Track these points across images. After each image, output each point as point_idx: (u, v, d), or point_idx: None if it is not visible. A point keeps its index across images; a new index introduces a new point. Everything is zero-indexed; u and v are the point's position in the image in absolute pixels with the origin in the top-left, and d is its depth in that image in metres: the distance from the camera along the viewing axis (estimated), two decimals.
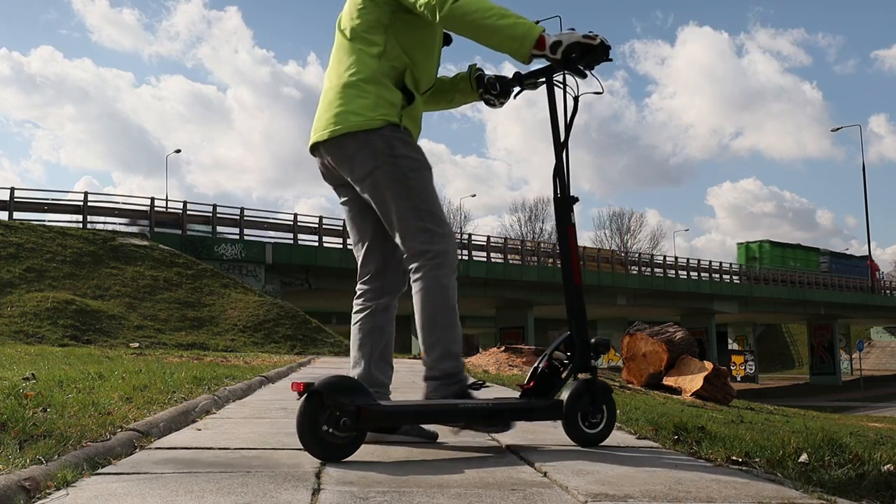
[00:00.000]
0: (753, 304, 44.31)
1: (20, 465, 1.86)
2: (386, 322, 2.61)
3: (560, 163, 2.49)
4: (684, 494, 1.81)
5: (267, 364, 8.35)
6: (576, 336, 2.47)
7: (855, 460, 2.50)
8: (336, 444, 2.15)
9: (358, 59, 2.49)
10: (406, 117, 2.50)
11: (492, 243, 34.74)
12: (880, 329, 61.35)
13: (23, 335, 12.76)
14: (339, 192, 2.67)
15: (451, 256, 2.47)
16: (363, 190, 2.51)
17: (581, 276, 2.52)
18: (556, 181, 2.50)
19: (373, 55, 2.48)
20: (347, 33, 2.54)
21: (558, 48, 2.30)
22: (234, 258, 24.83)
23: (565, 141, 2.51)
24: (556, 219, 2.54)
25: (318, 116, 2.56)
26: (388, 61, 2.48)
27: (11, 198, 22.50)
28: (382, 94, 2.45)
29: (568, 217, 2.51)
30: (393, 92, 2.47)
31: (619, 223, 62.64)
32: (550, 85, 2.52)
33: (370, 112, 2.43)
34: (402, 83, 2.49)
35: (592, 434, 2.51)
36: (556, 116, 2.51)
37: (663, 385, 8.08)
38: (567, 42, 2.31)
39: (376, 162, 2.42)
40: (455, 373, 2.45)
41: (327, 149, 2.52)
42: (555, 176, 2.49)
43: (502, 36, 2.28)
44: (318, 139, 2.53)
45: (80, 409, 2.82)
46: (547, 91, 2.52)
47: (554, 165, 2.49)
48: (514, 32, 2.26)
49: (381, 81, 2.46)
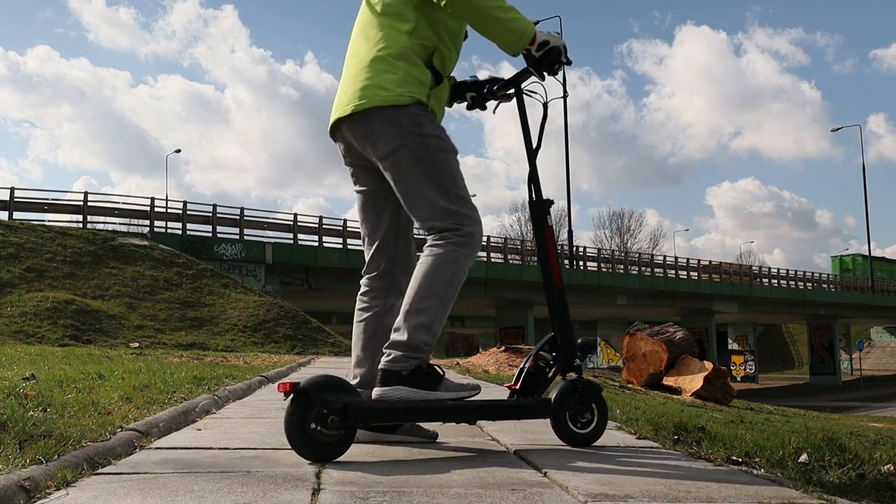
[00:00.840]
0: (753, 304, 44.31)
1: (20, 464, 1.86)
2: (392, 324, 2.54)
3: (533, 169, 2.55)
4: (684, 494, 1.81)
5: (267, 364, 8.35)
6: (559, 336, 2.48)
7: (855, 460, 2.50)
8: (325, 442, 2.14)
9: (387, 34, 2.41)
10: (433, 98, 2.44)
11: (492, 243, 34.74)
12: (880, 329, 61.39)
13: (23, 335, 12.76)
14: (357, 178, 2.57)
15: (476, 239, 2.40)
16: (385, 168, 2.40)
17: (562, 276, 2.56)
18: (530, 186, 2.55)
19: (403, 31, 2.40)
20: (378, 7, 2.46)
21: (544, 48, 2.37)
22: (234, 258, 24.83)
23: (537, 147, 2.56)
24: (532, 222, 2.58)
25: (341, 92, 2.47)
26: (419, 39, 2.40)
27: (11, 198, 22.51)
28: (412, 72, 2.38)
29: (544, 220, 2.55)
30: (422, 70, 2.40)
31: (618, 223, 62.68)
32: (520, 95, 2.57)
33: (398, 88, 2.36)
34: (430, 63, 2.43)
35: (583, 434, 2.51)
36: (526, 124, 2.56)
37: (663, 385, 8.08)
38: (553, 44, 2.37)
39: (402, 140, 2.34)
40: (422, 350, 2.32)
41: (350, 125, 2.42)
42: (529, 182, 2.55)
43: (501, 28, 2.33)
44: (341, 114, 2.43)
45: (80, 409, 2.82)
46: (517, 101, 2.57)
47: (528, 172, 2.55)
48: (512, 27, 2.32)
49: (411, 59, 2.39)
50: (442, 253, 2.35)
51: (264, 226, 27.70)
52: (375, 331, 2.54)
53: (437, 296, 2.33)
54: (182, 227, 25.15)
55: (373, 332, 2.54)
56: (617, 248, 55.92)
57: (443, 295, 2.34)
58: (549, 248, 2.53)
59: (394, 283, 2.56)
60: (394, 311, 2.50)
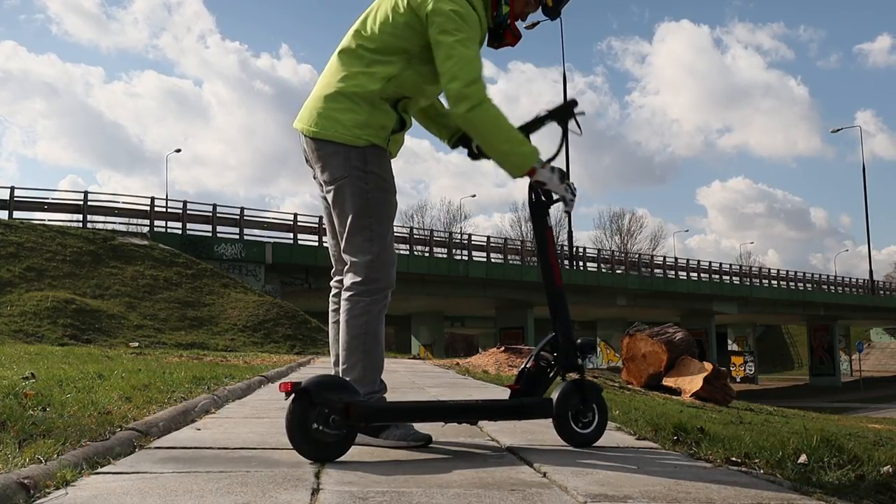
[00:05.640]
0: (753, 304, 44.28)
1: (19, 464, 1.86)
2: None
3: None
4: (684, 495, 1.81)
5: (266, 364, 8.35)
6: (560, 337, 2.50)
7: (854, 461, 2.50)
8: (326, 442, 2.15)
9: (365, 73, 2.46)
10: (393, 141, 2.52)
11: (492, 243, 34.76)
12: (880, 330, 61.37)
13: (22, 334, 12.76)
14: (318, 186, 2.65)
15: (382, 283, 2.48)
16: (327, 192, 2.53)
17: (562, 277, 2.59)
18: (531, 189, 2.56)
19: (382, 76, 2.44)
20: (368, 42, 2.49)
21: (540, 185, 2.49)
22: (234, 258, 24.81)
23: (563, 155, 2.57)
24: (532, 223, 2.61)
25: (309, 105, 2.55)
26: (396, 87, 2.46)
27: (11, 197, 22.51)
28: (376, 116, 2.45)
29: (544, 221, 2.57)
30: (388, 115, 2.47)
31: (618, 223, 62.65)
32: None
33: (357, 129, 2.44)
34: (398, 106, 2.49)
35: (585, 434, 2.52)
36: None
37: (663, 386, 8.08)
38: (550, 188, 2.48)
39: (346, 171, 2.44)
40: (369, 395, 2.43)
41: (307, 141, 2.52)
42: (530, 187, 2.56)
43: (499, 156, 2.46)
44: (301, 130, 2.54)
45: (79, 409, 2.82)
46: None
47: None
48: (509, 160, 2.45)
49: (378, 104, 2.45)
50: (349, 308, 2.48)
51: (264, 226, 27.69)
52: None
53: (359, 349, 2.46)
54: (182, 226, 25.13)
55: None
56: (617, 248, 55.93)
57: (364, 346, 2.46)
58: (550, 249, 2.56)
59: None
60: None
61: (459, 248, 32.95)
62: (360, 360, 2.44)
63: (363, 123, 2.43)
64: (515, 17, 2.58)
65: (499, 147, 2.43)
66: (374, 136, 2.45)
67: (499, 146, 2.43)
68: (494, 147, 2.44)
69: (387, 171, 2.51)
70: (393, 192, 2.53)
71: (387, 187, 2.50)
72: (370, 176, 2.45)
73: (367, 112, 2.44)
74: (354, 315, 2.45)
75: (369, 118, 2.44)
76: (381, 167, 2.48)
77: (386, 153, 2.50)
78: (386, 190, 2.50)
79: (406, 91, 2.49)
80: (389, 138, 2.49)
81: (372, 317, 2.46)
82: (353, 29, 2.56)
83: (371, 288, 2.46)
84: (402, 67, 2.45)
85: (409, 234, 33.42)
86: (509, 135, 2.42)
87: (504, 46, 2.64)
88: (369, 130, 2.44)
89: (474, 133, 2.46)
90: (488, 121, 2.39)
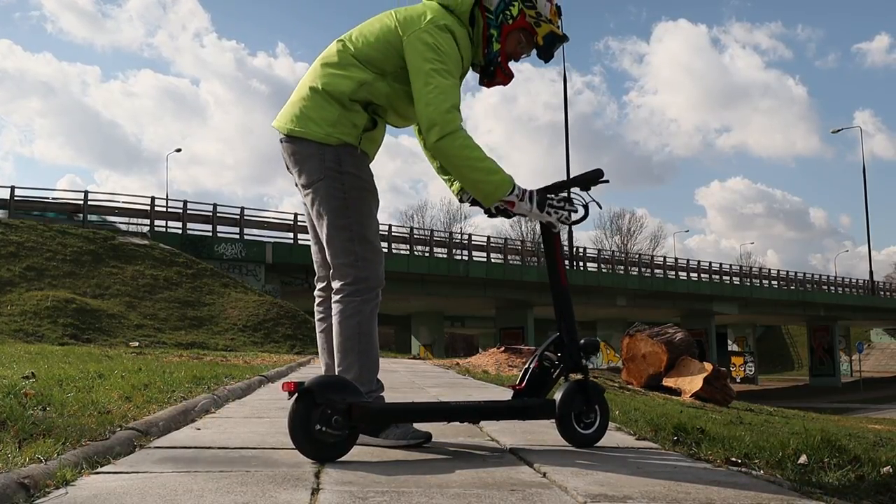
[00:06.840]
0: (753, 305, 44.28)
1: (19, 463, 1.86)
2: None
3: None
4: (683, 496, 1.81)
5: (266, 364, 8.35)
6: (565, 337, 2.51)
7: (854, 462, 2.50)
8: (329, 442, 2.15)
9: (340, 74, 2.48)
10: (366, 140, 2.51)
11: (492, 243, 34.74)
12: (880, 331, 61.35)
13: (22, 334, 12.76)
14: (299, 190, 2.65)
15: (371, 282, 2.48)
16: (305, 196, 2.53)
17: (567, 277, 2.60)
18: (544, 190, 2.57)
19: (355, 79, 2.46)
20: (350, 48, 2.52)
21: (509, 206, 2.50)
22: (234, 258, 24.80)
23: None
24: (541, 230, 2.63)
25: (288, 106, 2.57)
26: (367, 93, 2.48)
27: (11, 196, 22.50)
28: (346, 115, 2.47)
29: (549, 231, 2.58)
30: (358, 114, 2.48)
31: (618, 223, 62.62)
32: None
33: (329, 127, 2.45)
34: (368, 107, 2.50)
35: (587, 434, 2.52)
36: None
37: (663, 386, 8.07)
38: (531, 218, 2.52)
39: (321, 174, 2.45)
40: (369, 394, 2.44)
41: (284, 141, 2.53)
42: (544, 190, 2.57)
43: (470, 185, 2.47)
44: (278, 129, 2.55)
45: (79, 408, 2.82)
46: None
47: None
48: (479, 188, 2.46)
49: (348, 105, 2.47)
50: (342, 310, 2.47)
51: (264, 225, 27.68)
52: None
53: (354, 350, 2.45)
54: (182, 226, 25.12)
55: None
56: (617, 248, 55.92)
57: (358, 346, 2.46)
58: (556, 249, 2.58)
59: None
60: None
61: (459, 248, 32.93)
62: (356, 361, 2.44)
63: (334, 121, 2.45)
64: (507, 56, 2.60)
65: (468, 175, 2.44)
66: (345, 135, 2.46)
67: (468, 175, 2.44)
68: (465, 175, 2.45)
69: (364, 171, 2.51)
70: (372, 191, 2.53)
71: (364, 186, 2.50)
72: (346, 177, 2.45)
73: (338, 111, 2.46)
74: (347, 316, 2.45)
75: (340, 116, 2.45)
76: (356, 167, 2.48)
77: (360, 153, 2.50)
78: (363, 189, 2.50)
79: (376, 99, 2.50)
80: (362, 136, 2.49)
81: (364, 317, 2.46)
82: (342, 36, 2.60)
83: (360, 287, 2.46)
84: (375, 77, 2.48)
85: (409, 234, 33.42)
86: (480, 164, 2.42)
87: (495, 85, 2.67)
88: (341, 128, 2.45)
89: (445, 162, 2.46)
90: (458, 149, 2.40)
